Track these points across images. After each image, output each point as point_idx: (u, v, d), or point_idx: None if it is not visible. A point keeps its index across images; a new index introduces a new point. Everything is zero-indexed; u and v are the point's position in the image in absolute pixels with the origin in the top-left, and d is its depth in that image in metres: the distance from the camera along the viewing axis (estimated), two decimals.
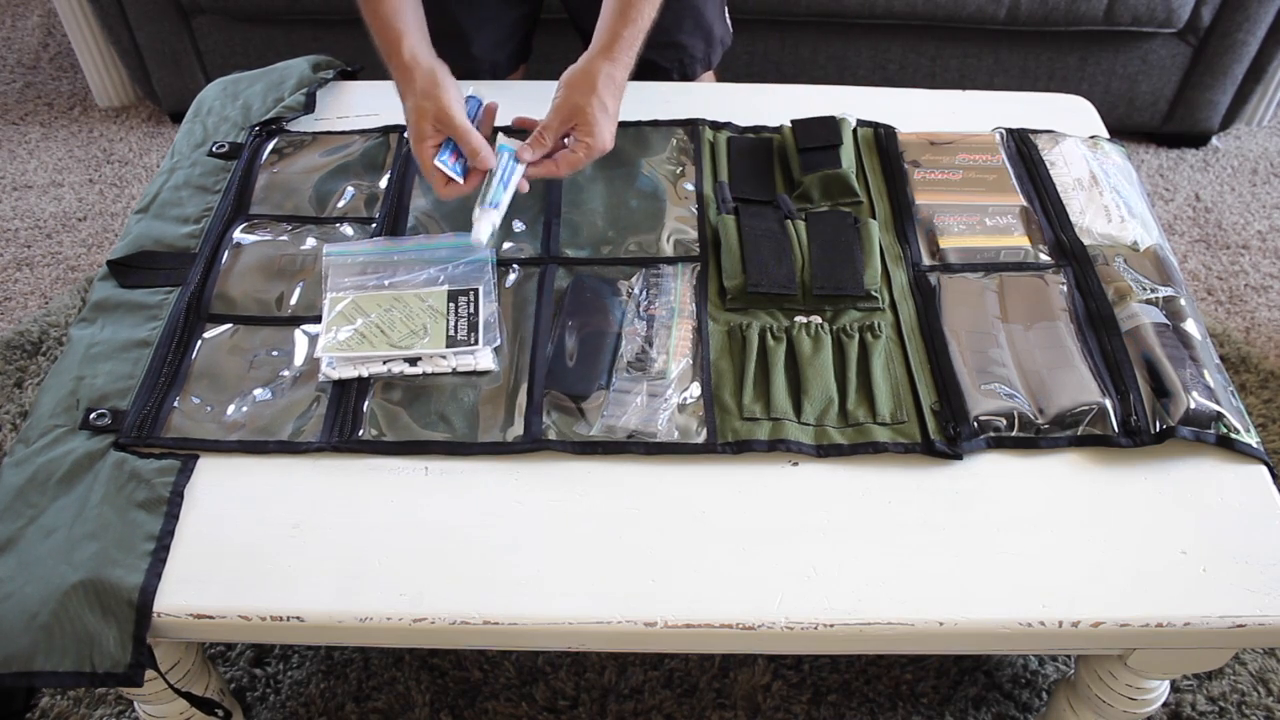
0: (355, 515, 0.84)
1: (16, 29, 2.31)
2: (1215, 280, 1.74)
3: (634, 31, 1.00)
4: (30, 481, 0.85)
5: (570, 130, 1.00)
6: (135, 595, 0.78)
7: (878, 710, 1.17)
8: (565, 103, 0.99)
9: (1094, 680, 0.96)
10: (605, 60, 0.99)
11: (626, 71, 1.01)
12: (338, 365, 0.93)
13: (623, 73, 1.01)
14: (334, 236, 1.06)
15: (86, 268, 1.75)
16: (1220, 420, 0.88)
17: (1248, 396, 1.52)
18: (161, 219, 1.08)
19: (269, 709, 1.16)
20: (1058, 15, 1.75)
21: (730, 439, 0.89)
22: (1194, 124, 1.95)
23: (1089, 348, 0.95)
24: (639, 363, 0.94)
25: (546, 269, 1.03)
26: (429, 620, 0.78)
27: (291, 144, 1.17)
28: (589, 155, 1.00)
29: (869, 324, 0.97)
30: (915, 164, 1.14)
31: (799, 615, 0.78)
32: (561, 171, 1.01)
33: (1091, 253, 1.04)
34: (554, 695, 1.17)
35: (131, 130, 2.05)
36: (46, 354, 1.57)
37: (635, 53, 1.01)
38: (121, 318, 0.98)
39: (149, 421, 0.89)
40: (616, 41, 0.99)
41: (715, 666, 1.19)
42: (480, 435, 0.89)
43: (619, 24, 1.00)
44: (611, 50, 0.99)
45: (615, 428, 0.89)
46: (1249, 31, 1.78)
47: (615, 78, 0.99)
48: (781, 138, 1.17)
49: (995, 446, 0.89)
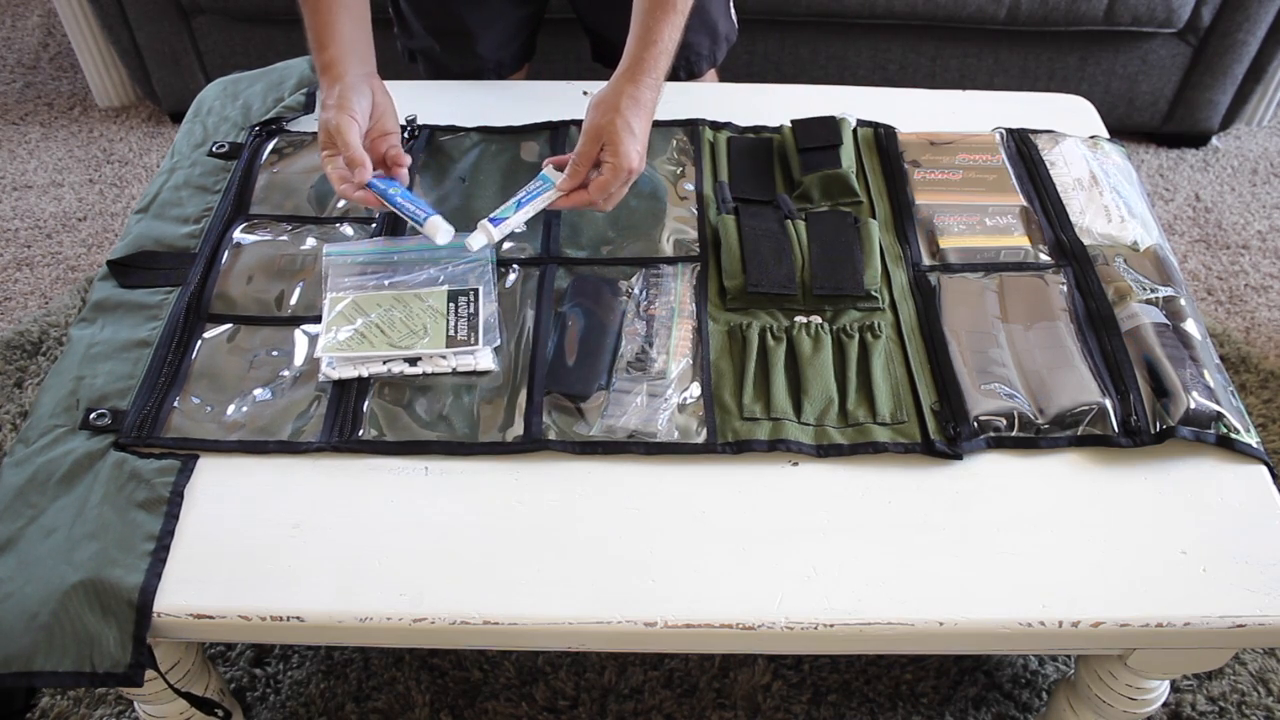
0: (355, 515, 0.84)
1: (16, 29, 2.31)
2: (1215, 280, 1.74)
3: (656, 53, 0.99)
4: (30, 481, 0.85)
5: (599, 155, 1.00)
6: (135, 595, 0.78)
7: (878, 710, 1.17)
8: (591, 126, 0.98)
9: (1094, 680, 0.96)
10: (629, 82, 0.99)
11: (653, 93, 1.00)
12: (338, 365, 0.93)
13: (649, 94, 1.00)
14: (334, 236, 1.06)
15: (86, 268, 1.75)
16: (1220, 420, 0.88)
17: (1248, 396, 1.52)
18: (161, 219, 1.08)
19: (269, 709, 1.16)
20: (1058, 15, 1.75)
21: (730, 439, 0.89)
22: (1194, 124, 1.95)
23: (1089, 348, 0.95)
24: (639, 363, 0.94)
25: (546, 269, 1.03)
26: (429, 620, 0.78)
27: (291, 144, 1.17)
28: (615, 175, 0.97)
29: (869, 324, 0.97)
30: (915, 164, 1.14)
31: (799, 615, 0.78)
32: (594, 197, 0.99)
33: (1091, 253, 1.04)
34: (554, 695, 1.17)
35: (131, 130, 2.05)
36: (46, 354, 1.57)
37: (661, 73, 1.00)
38: (121, 318, 0.98)
39: (149, 421, 0.89)
40: (639, 64, 0.99)
41: (715, 666, 1.19)
42: (480, 435, 0.89)
43: (640, 46, 1.00)
44: (634, 72, 0.99)
45: (615, 428, 0.89)
46: (1249, 31, 1.78)
47: (639, 99, 0.99)
48: (781, 138, 1.17)
49: (995, 446, 0.89)
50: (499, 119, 1.20)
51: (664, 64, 1.01)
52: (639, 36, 1.00)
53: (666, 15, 0.99)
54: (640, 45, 1.00)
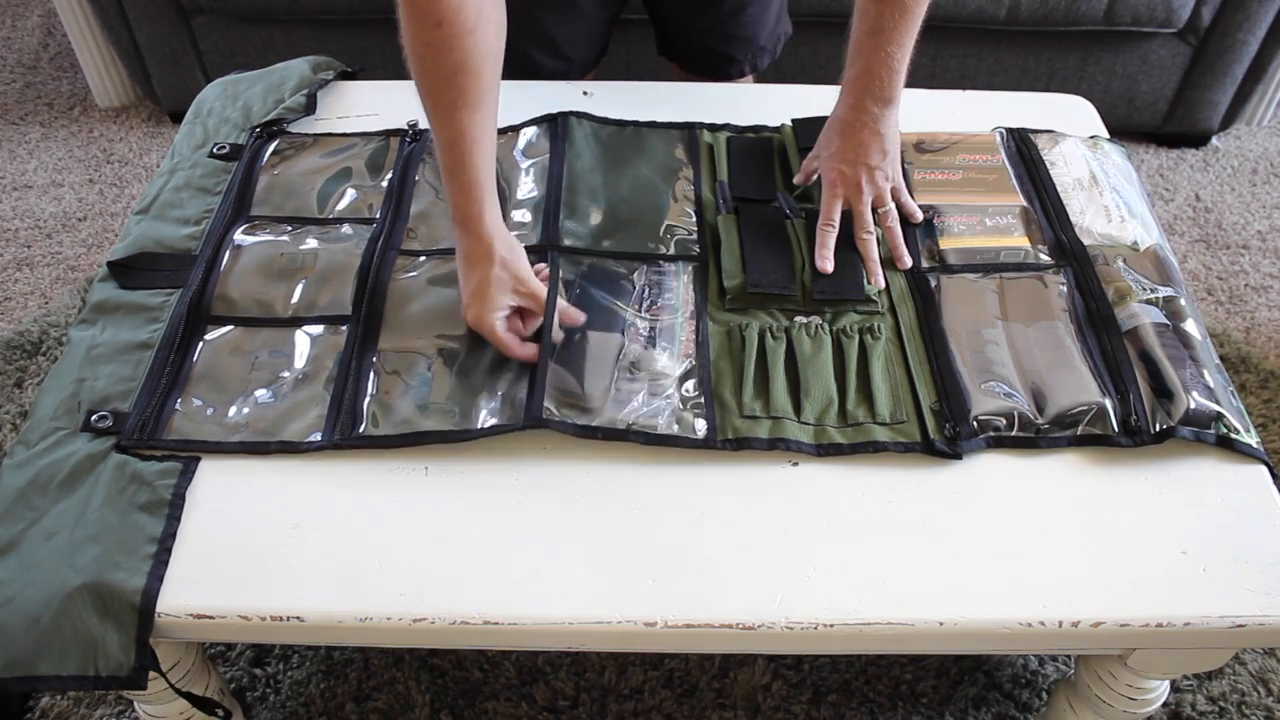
0: (355, 515, 0.84)
1: (16, 29, 2.31)
2: (1215, 280, 1.74)
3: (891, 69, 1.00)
4: (31, 484, 0.85)
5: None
6: (137, 599, 0.78)
7: (878, 710, 1.17)
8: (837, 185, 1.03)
9: (1094, 680, 0.96)
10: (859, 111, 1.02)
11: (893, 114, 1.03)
12: None
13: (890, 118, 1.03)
14: (334, 238, 1.06)
15: (86, 268, 1.75)
16: (1220, 420, 0.88)
17: (1248, 396, 1.52)
18: (162, 220, 1.08)
19: (269, 709, 1.16)
20: (1058, 15, 1.75)
21: (730, 436, 0.89)
22: (1194, 124, 1.95)
23: (1089, 348, 0.95)
24: (642, 362, 0.94)
25: (548, 255, 1.03)
26: (429, 620, 0.78)
27: (292, 145, 1.17)
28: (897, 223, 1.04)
29: (868, 325, 0.97)
30: (915, 164, 1.14)
31: (799, 615, 0.78)
32: (904, 262, 1.03)
33: (1091, 253, 1.04)
34: (554, 695, 1.17)
35: (131, 130, 2.05)
36: (46, 354, 1.57)
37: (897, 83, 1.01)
38: (122, 319, 0.98)
39: (150, 423, 0.89)
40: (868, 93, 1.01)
41: (715, 666, 1.19)
42: (479, 423, 0.89)
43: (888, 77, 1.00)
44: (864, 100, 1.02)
45: (616, 419, 0.89)
46: (1249, 31, 1.78)
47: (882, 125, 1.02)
48: (781, 137, 1.17)
49: (995, 446, 0.89)
50: (499, 119, 1.20)
51: (900, 73, 1.01)
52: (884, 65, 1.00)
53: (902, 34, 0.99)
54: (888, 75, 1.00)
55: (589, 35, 1.31)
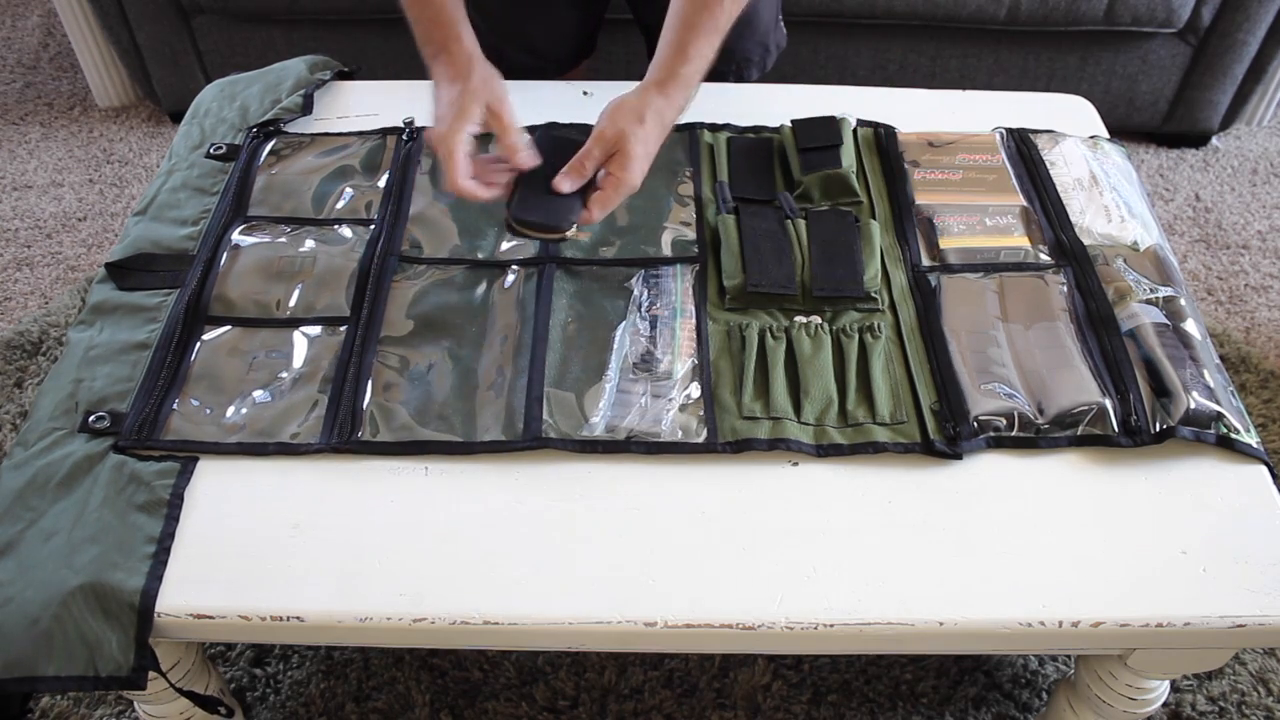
0: (355, 515, 0.84)
1: (16, 29, 2.31)
2: (1215, 280, 1.74)
3: (691, 71, 0.95)
4: (29, 485, 0.85)
5: (606, 163, 0.94)
6: (137, 599, 0.78)
7: (878, 710, 1.17)
8: (611, 128, 0.92)
9: (1094, 680, 0.96)
10: (659, 95, 0.93)
11: (677, 115, 0.95)
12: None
13: (673, 115, 0.95)
14: (333, 240, 1.06)
15: (86, 268, 1.75)
16: (1220, 420, 0.88)
17: (1248, 396, 1.52)
18: (160, 221, 1.08)
19: (269, 709, 1.16)
20: (1058, 15, 1.75)
21: (730, 438, 0.89)
22: (1194, 124, 1.95)
23: (1089, 348, 0.95)
24: (644, 363, 0.94)
25: (545, 269, 1.03)
26: (429, 620, 0.78)
27: (289, 145, 1.17)
28: (618, 193, 0.92)
29: (868, 325, 0.97)
30: (915, 164, 1.14)
31: (799, 615, 0.78)
32: (594, 216, 0.93)
33: (1091, 253, 1.04)
34: (554, 695, 1.17)
35: (131, 130, 2.05)
36: (46, 354, 1.57)
37: (691, 91, 0.95)
38: (120, 320, 0.98)
39: (148, 424, 0.89)
40: (672, 79, 0.93)
41: (715, 666, 1.19)
42: (480, 435, 0.89)
43: (676, 60, 0.94)
44: (666, 86, 0.93)
45: (618, 428, 0.89)
46: (1249, 31, 1.78)
47: (665, 117, 0.93)
48: (781, 138, 1.17)
49: (995, 446, 0.89)
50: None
51: (696, 82, 0.96)
52: (676, 48, 0.95)
53: (707, 34, 0.94)
54: (676, 59, 0.94)
55: (564, 34, 1.30)
